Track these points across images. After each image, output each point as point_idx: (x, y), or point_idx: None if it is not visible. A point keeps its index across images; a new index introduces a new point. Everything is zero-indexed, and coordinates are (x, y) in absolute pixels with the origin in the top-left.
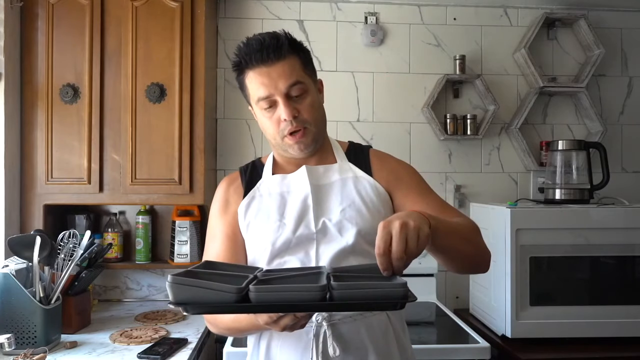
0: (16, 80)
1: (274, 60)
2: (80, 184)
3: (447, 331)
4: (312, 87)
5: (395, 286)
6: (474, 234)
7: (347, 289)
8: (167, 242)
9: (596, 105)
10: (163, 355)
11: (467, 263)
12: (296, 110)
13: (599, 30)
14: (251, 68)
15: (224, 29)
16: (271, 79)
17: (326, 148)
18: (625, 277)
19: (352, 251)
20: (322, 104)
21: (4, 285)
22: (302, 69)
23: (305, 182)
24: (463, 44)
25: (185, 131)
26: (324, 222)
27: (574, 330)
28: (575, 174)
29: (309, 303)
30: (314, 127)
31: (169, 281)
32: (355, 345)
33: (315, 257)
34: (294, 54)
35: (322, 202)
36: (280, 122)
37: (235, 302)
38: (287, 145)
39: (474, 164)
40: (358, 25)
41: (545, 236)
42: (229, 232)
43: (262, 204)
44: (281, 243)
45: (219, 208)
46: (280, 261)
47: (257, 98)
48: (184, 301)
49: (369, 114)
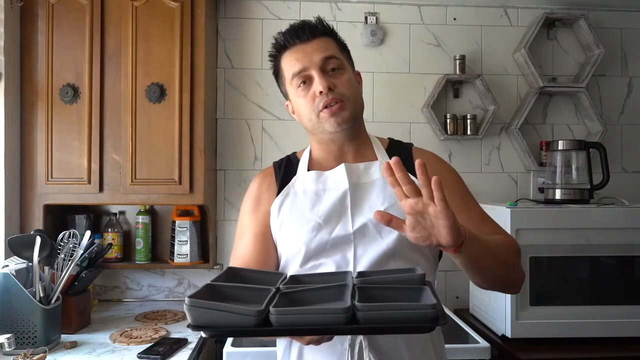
0: (16, 80)
1: (310, 38)
2: (80, 184)
3: (447, 331)
4: (349, 68)
5: (425, 308)
6: (510, 253)
7: (373, 310)
8: (167, 242)
9: (596, 105)
10: (163, 355)
11: (497, 282)
12: (332, 83)
13: (599, 30)
14: (287, 48)
15: (224, 29)
16: (306, 53)
17: (365, 144)
18: (625, 277)
19: (392, 255)
20: (360, 91)
21: (4, 285)
22: (338, 49)
23: (343, 179)
24: (463, 44)
25: (185, 131)
26: (364, 222)
27: (574, 330)
28: (575, 174)
29: (331, 327)
30: (352, 102)
31: (187, 304)
32: (392, 357)
33: (352, 260)
34: (329, 35)
35: (362, 201)
36: (316, 97)
37: (256, 325)
38: (323, 120)
39: (474, 164)
40: (358, 25)
41: (545, 236)
42: (258, 232)
43: (296, 202)
44: (316, 245)
45: (250, 205)
46: (315, 263)
47: (292, 75)
48: (203, 324)
49: (369, 114)
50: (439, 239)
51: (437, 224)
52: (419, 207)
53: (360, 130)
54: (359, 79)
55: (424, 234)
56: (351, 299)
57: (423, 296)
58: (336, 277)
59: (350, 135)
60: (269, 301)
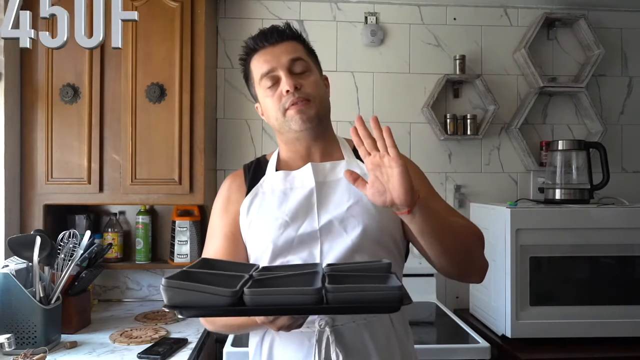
0: (16, 80)
1: (278, 41)
2: (80, 184)
3: (447, 331)
4: (316, 71)
5: (391, 289)
6: (470, 236)
7: (342, 291)
8: (167, 242)
9: (596, 105)
10: (163, 355)
11: (456, 264)
12: (299, 83)
13: (599, 30)
14: (256, 51)
15: (224, 29)
16: (274, 55)
17: (332, 144)
18: (625, 277)
19: (357, 249)
20: (327, 94)
21: (4, 285)
22: (305, 52)
23: (310, 178)
24: (463, 44)
25: (185, 131)
26: (329, 219)
27: (574, 330)
28: (575, 174)
29: (303, 306)
30: (318, 102)
31: (163, 284)
32: (358, 350)
33: (319, 256)
34: (297, 39)
35: (327, 199)
36: (282, 96)
37: (230, 305)
38: (289, 118)
39: (474, 164)
40: (358, 25)
41: (545, 236)
42: (228, 232)
43: (264, 202)
44: (283, 242)
45: (220, 206)
46: (283, 260)
47: (260, 75)
48: (178, 304)
49: (369, 114)
50: (392, 193)
51: (391, 175)
52: (376, 160)
53: (327, 131)
54: (326, 83)
55: (380, 189)
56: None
57: (389, 281)
58: (307, 267)
59: (316, 135)
60: (243, 284)
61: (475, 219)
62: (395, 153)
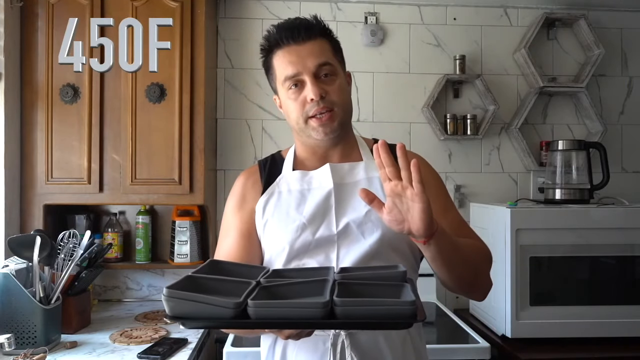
0: (16, 80)
1: (305, 39)
2: (80, 184)
3: (447, 331)
4: (342, 74)
5: (403, 304)
6: (480, 259)
7: (351, 305)
8: (167, 242)
9: (596, 105)
10: (163, 355)
11: (462, 285)
12: (324, 90)
13: (599, 30)
14: (280, 47)
15: (224, 29)
16: (300, 57)
17: (351, 144)
18: (625, 277)
19: (374, 255)
20: (350, 94)
21: (4, 285)
22: (332, 53)
23: (328, 180)
24: (463, 44)
25: (185, 131)
26: (347, 223)
27: (574, 330)
28: (575, 174)
29: (309, 321)
30: (341, 111)
31: (164, 294)
32: (373, 355)
33: (336, 261)
34: (325, 37)
35: (346, 202)
36: (306, 103)
37: (233, 317)
38: (310, 128)
39: (474, 164)
40: (358, 25)
41: (545, 236)
42: (244, 230)
43: (280, 202)
44: (300, 245)
45: (235, 203)
46: (299, 263)
47: (284, 77)
48: (179, 315)
49: (369, 114)
50: (411, 225)
51: (412, 208)
52: (398, 189)
53: (347, 133)
54: (349, 80)
55: (398, 218)
56: (330, 294)
57: (403, 293)
58: (318, 272)
59: (337, 141)
60: (248, 294)
61: (475, 219)
62: (420, 189)
